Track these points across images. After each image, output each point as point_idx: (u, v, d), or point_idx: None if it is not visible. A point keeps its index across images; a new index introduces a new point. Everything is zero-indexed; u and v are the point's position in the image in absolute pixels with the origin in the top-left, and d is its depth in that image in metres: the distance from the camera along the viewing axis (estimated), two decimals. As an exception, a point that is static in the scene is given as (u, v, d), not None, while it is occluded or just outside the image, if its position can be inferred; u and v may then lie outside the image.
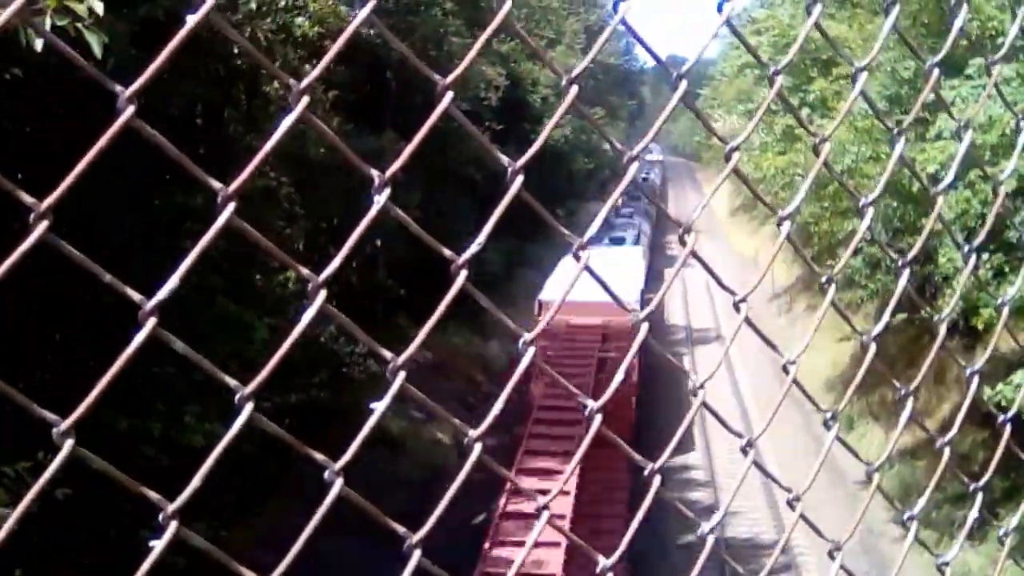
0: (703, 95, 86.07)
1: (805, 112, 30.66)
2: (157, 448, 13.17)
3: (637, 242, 43.38)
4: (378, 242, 24.80)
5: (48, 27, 3.65)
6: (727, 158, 1.81)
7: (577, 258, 1.56)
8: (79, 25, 3.73)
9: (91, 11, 3.81)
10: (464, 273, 1.50)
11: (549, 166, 41.14)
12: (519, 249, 37.72)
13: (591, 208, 60.23)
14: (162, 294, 1.27)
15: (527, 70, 42.11)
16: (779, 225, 1.92)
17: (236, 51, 14.57)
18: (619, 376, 1.87)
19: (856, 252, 23.11)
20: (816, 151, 1.89)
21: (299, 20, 18.31)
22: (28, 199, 1.19)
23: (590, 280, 1.61)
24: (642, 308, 1.71)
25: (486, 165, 28.49)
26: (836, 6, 27.70)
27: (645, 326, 1.67)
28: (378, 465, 17.29)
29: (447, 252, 1.50)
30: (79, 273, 1.25)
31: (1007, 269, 17.38)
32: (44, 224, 1.20)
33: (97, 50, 3.96)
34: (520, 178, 1.54)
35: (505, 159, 1.53)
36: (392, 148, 24.39)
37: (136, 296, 1.26)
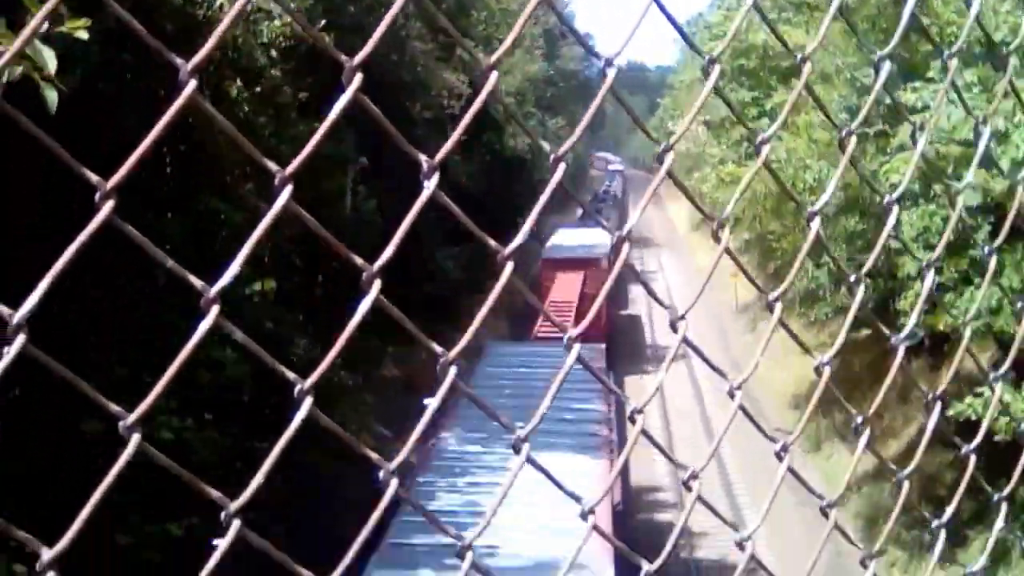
0: (664, 104, 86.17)
1: (764, 122, 30.65)
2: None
3: None
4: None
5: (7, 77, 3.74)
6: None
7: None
8: (37, 77, 3.81)
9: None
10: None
11: (514, 174, 41.04)
12: (480, 258, 37.40)
13: (551, 220, 60.58)
14: (224, 280, 1.30)
15: (489, 78, 41.98)
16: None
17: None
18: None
19: (820, 266, 22.97)
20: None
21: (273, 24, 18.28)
22: (94, 177, 1.19)
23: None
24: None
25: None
26: (793, 9, 27.70)
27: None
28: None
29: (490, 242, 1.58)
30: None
31: (972, 275, 16.88)
32: (110, 204, 1.20)
33: (52, 106, 4.04)
34: (563, 166, 1.65)
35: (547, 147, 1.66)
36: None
37: (197, 283, 1.28)
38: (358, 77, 1.39)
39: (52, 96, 4.11)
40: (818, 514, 2.09)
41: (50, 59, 3.87)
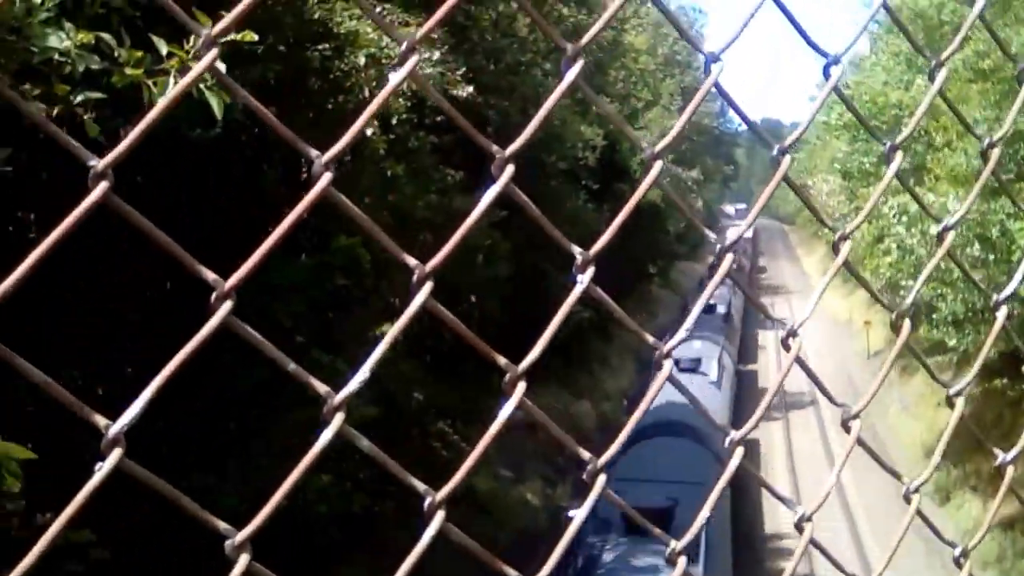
0: (798, 159, 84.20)
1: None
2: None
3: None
4: (473, 298, 23.97)
5: (170, 87, 3.78)
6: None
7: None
8: (202, 86, 3.84)
9: (215, 71, 3.90)
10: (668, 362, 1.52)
11: (647, 224, 40.61)
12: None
13: (681, 267, 61.93)
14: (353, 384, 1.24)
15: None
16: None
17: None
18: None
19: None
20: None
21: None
22: (210, 276, 1.15)
23: None
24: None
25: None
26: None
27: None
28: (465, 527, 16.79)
29: (649, 338, 1.52)
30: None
31: None
32: (227, 305, 1.15)
33: (218, 111, 4.07)
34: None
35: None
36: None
37: (322, 388, 1.21)
38: (509, 169, 1.33)
39: (217, 102, 4.07)
40: (948, 563, 2.04)
41: (220, 64, 3.90)
